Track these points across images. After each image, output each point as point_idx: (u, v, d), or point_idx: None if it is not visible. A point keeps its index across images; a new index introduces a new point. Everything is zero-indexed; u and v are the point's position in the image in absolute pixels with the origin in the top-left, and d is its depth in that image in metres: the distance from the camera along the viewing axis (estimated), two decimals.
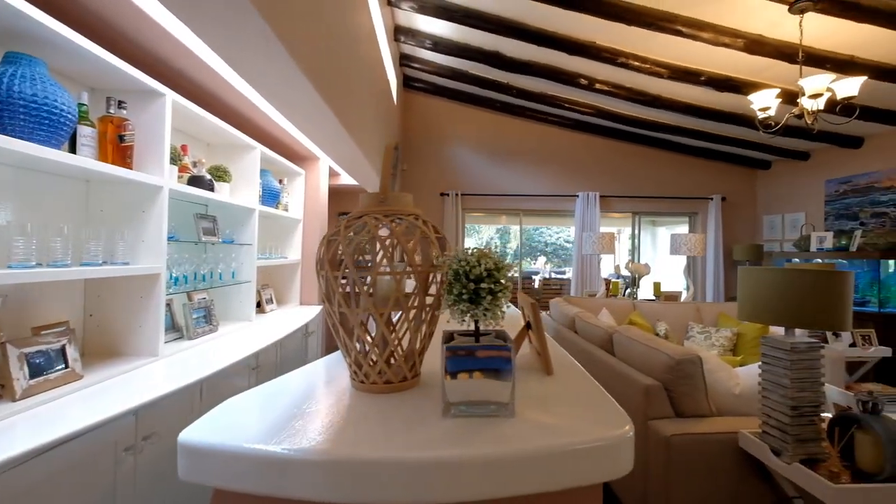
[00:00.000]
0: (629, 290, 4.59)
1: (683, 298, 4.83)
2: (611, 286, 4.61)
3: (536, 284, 7.29)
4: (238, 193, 2.59)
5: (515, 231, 6.74)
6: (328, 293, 0.75)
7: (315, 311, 3.28)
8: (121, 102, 1.58)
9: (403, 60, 5.27)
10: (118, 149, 1.57)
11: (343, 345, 0.75)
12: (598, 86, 4.53)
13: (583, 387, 0.79)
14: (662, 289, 4.67)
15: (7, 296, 1.36)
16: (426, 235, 0.74)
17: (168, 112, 1.73)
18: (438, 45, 4.47)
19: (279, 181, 3.21)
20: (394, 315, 0.78)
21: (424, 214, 0.79)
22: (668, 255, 5.06)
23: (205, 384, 1.66)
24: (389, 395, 0.74)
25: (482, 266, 0.64)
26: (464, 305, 0.65)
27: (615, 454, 0.59)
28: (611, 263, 5.91)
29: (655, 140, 6.02)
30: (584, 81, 4.51)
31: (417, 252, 0.73)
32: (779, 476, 1.56)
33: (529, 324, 0.95)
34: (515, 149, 6.28)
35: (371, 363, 0.75)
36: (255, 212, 2.65)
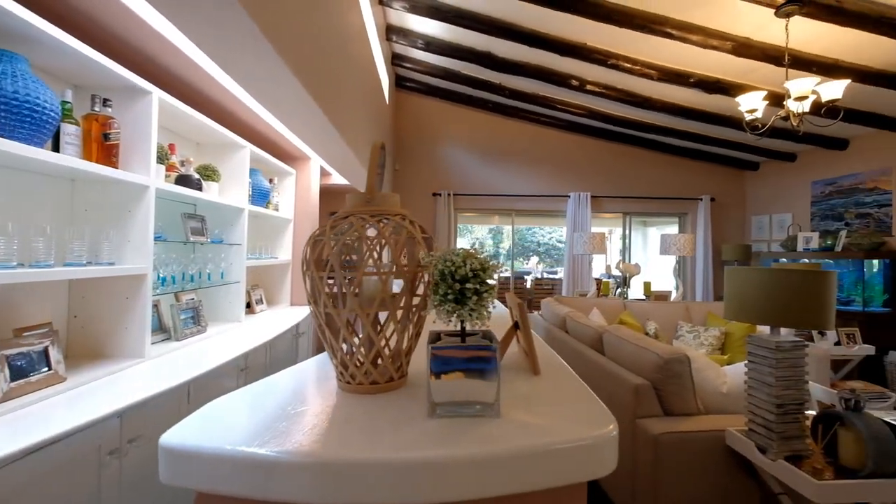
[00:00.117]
0: (620, 290, 4.63)
1: (673, 298, 4.88)
2: (602, 286, 4.64)
3: (528, 284, 7.31)
4: (227, 193, 2.57)
5: (508, 231, 6.76)
6: (314, 294, 0.74)
7: (306, 312, 3.25)
8: (106, 100, 1.56)
9: (395, 60, 5.25)
10: (103, 147, 1.54)
11: (329, 345, 0.75)
12: (590, 87, 4.56)
13: (569, 386, 0.80)
14: (652, 288, 4.72)
15: None
16: (412, 236, 0.74)
17: (155, 110, 1.71)
18: (430, 45, 4.47)
19: (269, 181, 3.18)
20: (381, 315, 0.77)
21: (412, 214, 0.79)
22: (659, 255, 5.11)
23: (192, 386, 1.64)
24: (376, 396, 0.74)
25: (468, 266, 0.64)
26: (449, 306, 0.65)
27: (599, 453, 0.59)
28: (603, 263, 5.95)
29: (646, 141, 6.07)
30: (576, 82, 4.53)
31: (404, 252, 0.73)
32: (764, 473, 1.58)
33: (517, 324, 0.95)
34: (508, 149, 6.30)
35: (357, 364, 0.75)
36: (245, 211, 2.63)
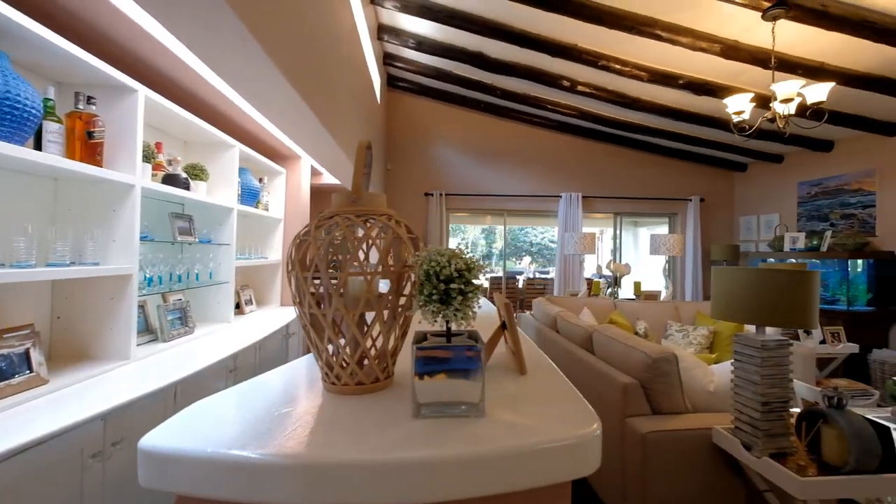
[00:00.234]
0: (610, 290, 4.66)
1: (662, 298, 4.93)
2: (592, 286, 4.66)
3: (520, 284, 7.34)
4: (216, 192, 2.54)
5: (500, 231, 6.78)
6: (299, 294, 0.74)
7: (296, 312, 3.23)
8: (90, 98, 1.53)
9: (387, 59, 5.24)
10: (87, 146, 1.52)
11: (314, 346, 0.74)
12: (581, 88, 4.58)
13: (555, 386, 0.80)
14: (643, 288, 4.76)
15: None
16: (398, 236, 0.73)
17: (140, 108, 1.68)
18: (422, 45, 4.46)
19: (259, 180, 3.15)
20: (368, 316, 0.77)
21: (399, 214, 0.79)
22: (649, 255, 5.16)
23: (179, 387, 1.62)
24: (361, 397, 0.73)
25: (452, 266, 0.64)
26: (434, 306, 0.64)
27: (582, 452, 0.60)
28: (594, 264, 5.99)
29: (636, 142, 6.12)
30: (567, 83, 4.56)
31: (390, 253, 0.73)
32: (750, 470, 1.60)
33: (505, 324, 0.96)
34: (500, 149, 6.31)
35: (343, 365, 0.74)
36: (234, 211, 2.60)
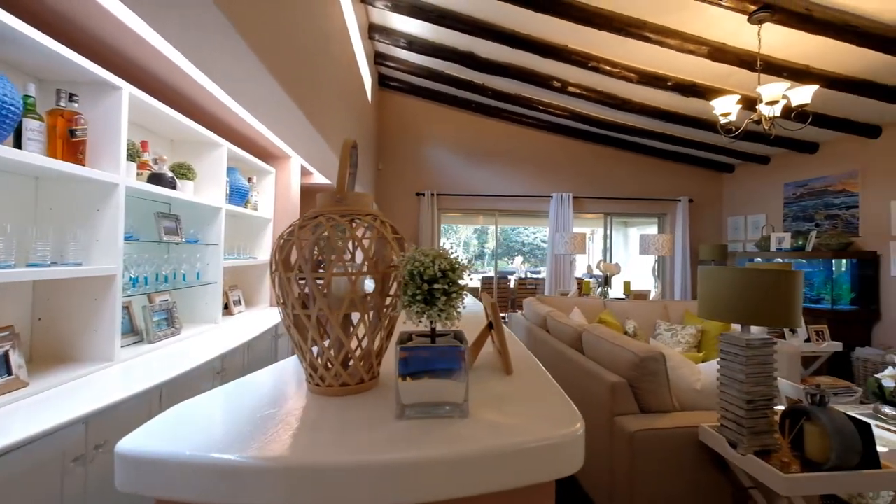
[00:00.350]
0: (601, 290, 4.69)
1: (652, 297, 4.97)
2: (583, 286, 4.69)
3: (512, 284, 7.35)
4: (203, 192, 2.51)
5: (493, 231, 6.79)
6: (283, 294, 0.73)
7: None
8: (72, 95, 1.50)
9: (378, 59, 5.22)
10: (69, 144, 1.49)
11: (298, 347, 0.73)
12: (571, 89, 4.61)
13: (540, 386, 0.80)
14: (632, 288, 4.79)
15: None
16: (383, 236, 0.73)
17: (125, 106, 1.66)
18: (413, 45, 4.46)
19: (248, 179, 3.12)
20: (354, 317, 0.77)
21: (383, 214, 0.79)
22: (639, 255, 5.20)
23: (164, 389, 1.60)
24: (346, 398, 0.73)
25: (436, 266, 0.63)
26: (418, 306, 0.64)
27: (565, 452, 0.60)
28: (585, 263, 6.03)
29: (626, 143, 6.17)
30: (558, 84, 4.58)
31: (373, 253, 0.72)
32: (736, 467, 1.63)
33: (492, 324, 0.96)
34: (491, 149, 6.33)
35: (327, 366, 0.74)
36: (222, 211, 2.58)
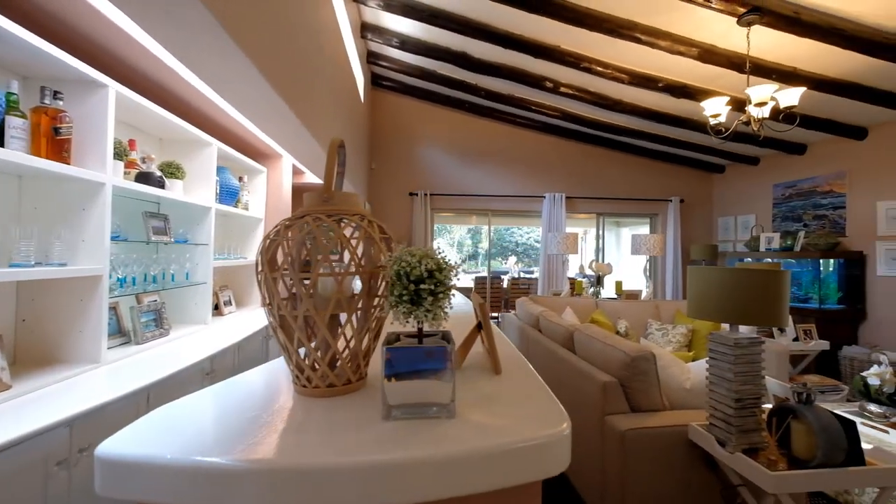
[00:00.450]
0: (593, 290, 4.71)
1: (643, 297, 5.01)
2: (575, 285, 4.72)
3: (505, 284, 7.37)
4: (193, 191, 2.48)
5: (486, 231, 6.80)
6: (269, 295, 0.72)
7: None
8: (56, 93, 1.48)
9: (371, 58, 5.20)
10: (54, 142, 1.47)
11: (284, 348, 0.73)
12: (563, 89, 4.63)
13: (528, 385, 0.80)
14: (624, 288, 4.82)
15: None
16: (370, 236, 0.73)
17: (111, 104, 1.63)
18: (406, 44, 4.45)
19: (239, 179, 3.10)
20: (342, 317, 0.76)
21: (371, 214, 0.78)
22: (631, 255, 5.23)
23: (152, 391, 1.58)
24: (333, 399, 0.72)
25: (423, 266, 0.63)
26: (405, 307, 0.64)
27: (552, 452, 0.60)
28: (578, 263, 6.05)
29: (618, 143, 6.21)
30: (550, 84, 4.60)
31: (358, 252, 0.72)
32: (724, 465, 1.64)
33: (481, 324, 0.95)
34: (484, 150, 6.33)
35: (314, 367, 0.73)
36: (212, 210, 2.55)
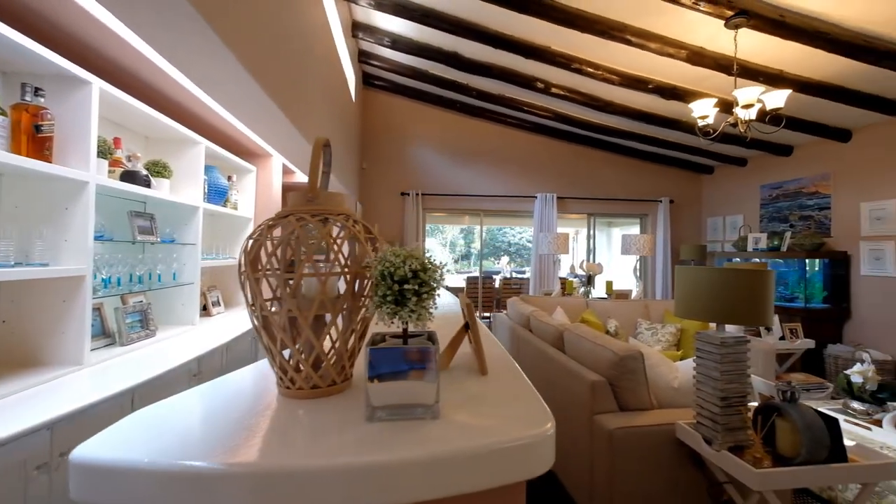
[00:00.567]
0: (584, 289, 4.74)
1: (633, 296, 5.04)
2: (566, 285, 4.74)
3: (497, 284, 7.38)
4: (180, 190, 2.45)
5: (479, 231, 6.80)
6: (252, 296, 0.71)
7: None
8: (38, 89, 1.45)
9: (362, 57, 5.18)
10: (35, 140, 1.44)
11: (267, 350, 0.72)
12: (554, 90, 4.65)
13: (513, 385, 0.80)
14: (614, 287, 4.86)
15: None
16: (355, 236, 0.72)
17: (94, 101, 1.61)
18: (398, 44, 4.43)
19: (228, 178, 3.06)
20: (327, 317, 0.75)
21: (356, 214, 0.78)
22: (621, 255, 5.27)
23: (136, 393, 1.55)
24: (317, 401, 0.72)
25: (407, 267, 0.63)
26: (389, 307, 0.64)
27: (536, 452, 0.60)
28: (569, 263, 6.08)
29: (609, 144, 6.25)
30: (541, 85, 4.61)
31: (343, 252, 0.71)
32: (711, 463, 1.66)
33: (468, 324, 0.95)
34: (476, 150, 6.34)
35: (297, 368, 0.72)
36: (200, 210, 2.52)
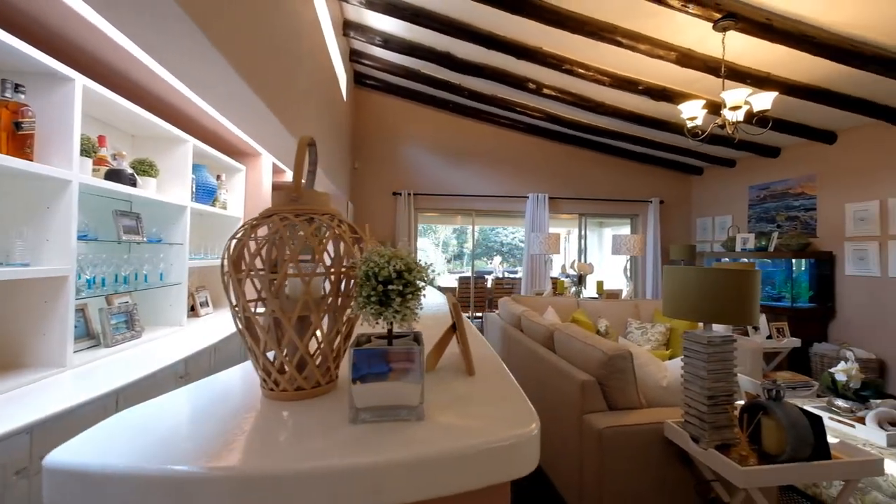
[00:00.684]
0: (575, 289, 4.76)
1: (624, 296, 5.08)
2: (557, 285, 4.76)
3: (489, 284, 7.39)
4: (167, 190, 2.42)
5: (471, 231, 6.80)
6: (235, 296, 0.70)
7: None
8: (18, 86, 1.42)
9: (354, 56, 5.16)
10: (15, 137, 1.41)
11: (250, 351, 0.71)
12: (546, 91, 4.66)
13: (500, 386, 0.80)
14: (605, 287, 4.89)
15: None
16: (339, 236, 0.71)
17: (77, 99, 1.58)
18: (389, 43, 4.42)
19: (217, 177, 3.03)
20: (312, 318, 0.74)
21: (341, 214, 0.77)
22: (612, 255, 5.30)
23: (121, 396, 1.53)
24: (301, 403, 0.71)
25: (391, 267, 0.62)
26: (373, 308, 0.63)
27: (520, 453, 0.60)
28: (561, 263, 6.11)
29: (600, 145, 6.29)
30: (533, 86, 4.63)
31: (328, 252, 0.71)
32: (698, 461, 1.67)
33: (455, 325, 0.95)
34: (468, 150, 6.34)
35: (281, 370, 0.72)
36: (187, 209, 2.49)
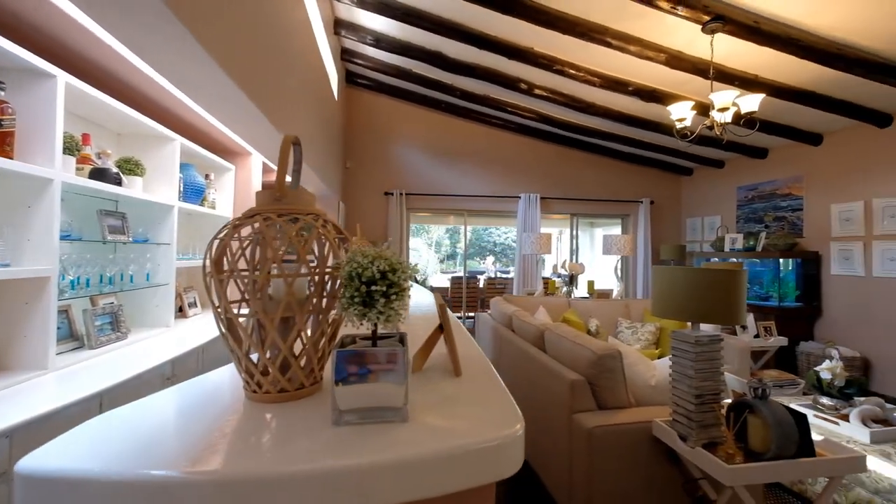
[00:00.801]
0: (566, 289, 4.78)
1: (614, 296, 5.12)
2: (549, 285, 4.78)
3: (481, 284, 7.40)
4: (154, 189, 2.38)
5: (464, 231, 6.80)
6: (217, 297, 0.69)
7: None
8: None
9: (345, 55, 5.13)
10: None
11: (233, 352, 0.70)
12: (537, 91, 4.68)
13: (486, 387, 0.80)
14: (596, 287, 4.92)
15: None
16: (324, 236, 0.71)
17: (60, 96, 1.55)
18: (381, 42, 4.41)
19: (205, 176, 2.99)
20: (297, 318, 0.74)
21: (326, 214, 0.76)
22: (603, 255, 5.33)
23: (105, 398, 1.50)
24: (284, 405, 0.70)
25: (375, 267, 0.62)
26: (356, 309, 0.62)
27: (504, 454, 0.59)
28: (552, 263, 6.13)
29: (591, 145, 6.33)
30: (524, 86, 4.64)
31: (312, 253, 0.70)
32: (686, 459, 1.69)
33: (442, 325, 0.95)
34: (461, 150, 6.34)
35: (264, 371, 0.71)
36: (175, 209, 2.46)
